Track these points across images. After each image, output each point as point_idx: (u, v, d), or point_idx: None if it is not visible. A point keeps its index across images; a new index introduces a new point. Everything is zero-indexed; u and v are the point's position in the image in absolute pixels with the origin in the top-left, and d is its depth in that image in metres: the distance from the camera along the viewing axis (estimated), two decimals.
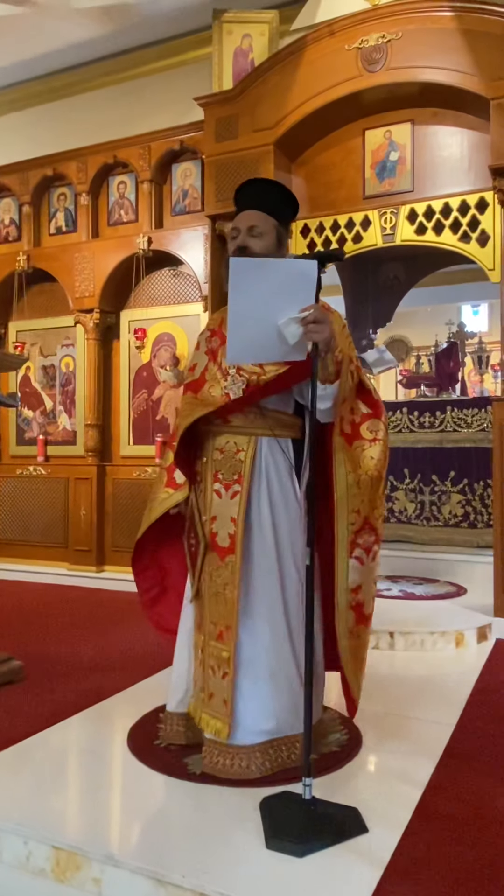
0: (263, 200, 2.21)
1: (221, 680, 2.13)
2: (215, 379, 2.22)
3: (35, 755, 2.34)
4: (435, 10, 4.17)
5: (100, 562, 5.65)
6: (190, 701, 2.30)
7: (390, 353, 5.97)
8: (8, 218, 6.22)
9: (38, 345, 6.12)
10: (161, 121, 5.56)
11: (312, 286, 1.88)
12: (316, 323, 1.88)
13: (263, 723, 2.13)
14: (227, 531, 2.17)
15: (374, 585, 2.25)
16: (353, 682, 2.24)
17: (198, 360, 2.34)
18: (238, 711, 2.12)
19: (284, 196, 2.26)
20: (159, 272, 5.59)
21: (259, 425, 2.19)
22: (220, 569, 2.17)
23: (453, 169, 4.40)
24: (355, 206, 4.64)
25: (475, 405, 5.43)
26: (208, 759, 2.14)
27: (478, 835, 1.86)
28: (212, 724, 2.15)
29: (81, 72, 6.39)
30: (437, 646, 3.62)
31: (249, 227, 2.18)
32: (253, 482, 2.17)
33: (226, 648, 2.14)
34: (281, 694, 2.15)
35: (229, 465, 2.19)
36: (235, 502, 2.16)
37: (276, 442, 2.20)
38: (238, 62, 4.95)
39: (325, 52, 4.45)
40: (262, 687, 2.14)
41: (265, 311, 1.88)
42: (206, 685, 2.19)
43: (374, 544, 2.18)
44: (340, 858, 1.72)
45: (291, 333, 1.89)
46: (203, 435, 2.25)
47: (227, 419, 2.21)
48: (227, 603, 2.14)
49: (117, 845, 1.79)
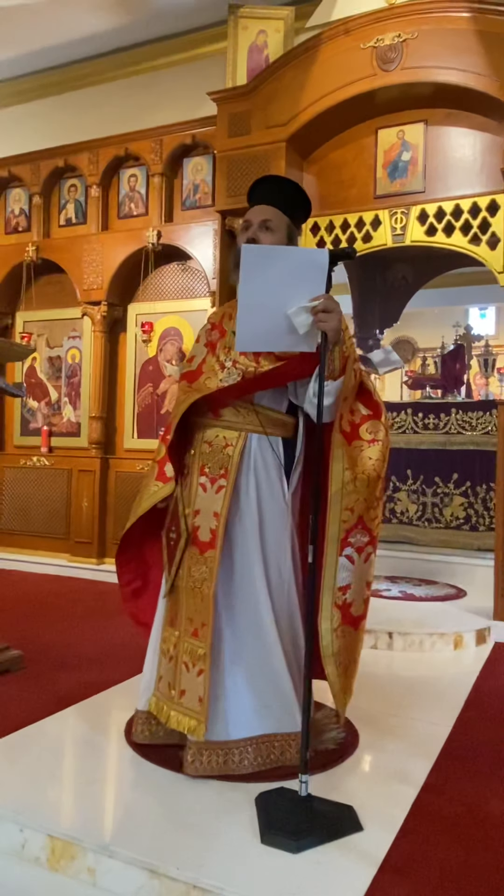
0: (278, 197, 2.21)
1: (196, 677, 2.09)
2: (213, 371, 2.21)
3: (32, 744, 2.34)
4: (451, 11, 4.16)
5: (100, 554, 5.66)
6: (151, 699, 2.25)
7: (396, 353, 5.95)
8: (18, 208, 6.22)
9: (45, 336, 6.12)
10: (174, 115, 5.56)
11: (323, 275, 1.87)
12: (326, 312, 1.87)
13: (251, 718, 2.12)
14: (210, 525, 2.14)
15: (367, 589, 2.16)
16: (335, 686, 2.10)
17: (197, 352, 2.34)
18: (220, 708, 2.10)
19: (299, 195, 2.27)
20: (168, 266, 5.59)
21: (250, 422, 2.17)
22: (198, 563, 2.13)
23: (465, 170, 4.39)
24: (366, 205, 4.63)
25: (480, 408, 5.42)
26: (198, 759, 2.09)
27: (472, 835, 1.86)
28: (184, 722, 2.09)
29: (95, 63, 6.38)
30: (436, 647, 3.62)
31: (262, 220, 2.18)
32: (240, 477, 2.15)
33: (202, 645, 2.09)
34: (268, 690, 2.13)
35: (217, 458, 2.16)
36: (220, 496, 2.14)
37: (267, 440, 2.18)
38: (252, 58, 4.95)
39: (339, 50, 4.44)
40: (248, 683, 2.12)
41: (275, 299, 1.88)
42: (177, 682, 2.13)
43: (368, 545, 2.11)
44: (335, 855, 1.72)
45: (301, 322, 1.89)
46: (193, 427, 2.23)
47: (218, 413, 2.18)
48: (203, 599, 2.10)
49: (112, 836, 1.79)
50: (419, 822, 1.91)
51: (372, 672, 3.05)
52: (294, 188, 2.29)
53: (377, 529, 2.16)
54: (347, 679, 2.14)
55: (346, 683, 2.14)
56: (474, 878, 1.68)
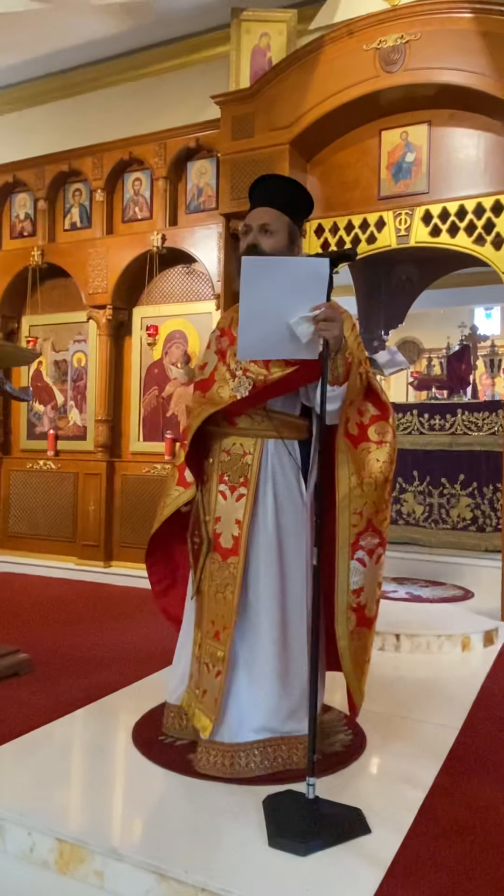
0: (277, 197, 2.19)
1: (215, 678, 2.14)
2: (224, 379, 2.22)
3: (40, 748, 2.35)
4: (454, 12, 4.15)
5: (107, 557, 5.67)
6: (183, 694, 2.33)
7: (402, 354, 5.95)
8: (23, 213, 6.25)
9: (51, 340, 6.14)
10: (177, 118, 5.57)
11: (324, 285, 1.88)
12: (327, 321, 1.88)
13: (260, 720, 2.14)
14: (232, 532, 2.17)
15: (379, 589, 2.23)
16: (353, 685, 2.22)
17: (208, 360, 2.35)
18: (231, 710, 2.13)
19: (298, 193, 2.24)
20: (172, 269, 5.60)
21: (265, 427, 2.19)
22: (221, 569, 2.18)
23: (469, 171, 4.38)
24: (370, 206, 4.63)
25: (486, 409, 5.41)
26: (205, 759, 2.13)
27: (480, 838, 1.86)
28: (202, 721, 2.16)
29: (99, 68, 6.40)
30: (444, 649, 3.61)
31: (261, 224, 2.17)
32: (259, 485, 2.18)
33: (221, 648, 2.14)
34: (280, 694, 2.16)
35: (236, 467, 2.19)
36: (241, 504, 2.17)
37: (283, 444, 2.20)
38: (256, 61, 4.95)
39: (343, 52, 4.44)
40: (260, 686, 2.15)
41: (277, 308, 1.88)
42: (200, 682, 2.20)
43: (379, 547, 2.16)
44: (343, 858, 1.72)
45: (303, 332, 1.90)
46: (210, 436, 2.26)
47: (233, 421, 2.21)
48: (226, 603, 2.15)
49: (120, 839, 1.80)
50: (427, 824, 1.91)
51: (379, 674, 3.05)
52: (292, 186, 2.26)
53: (386, 530, 2.20)
54: (363, 678, 2.23)
55: (362, 683, 2.23)
56: (483, 881, 1.67)
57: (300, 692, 2.16)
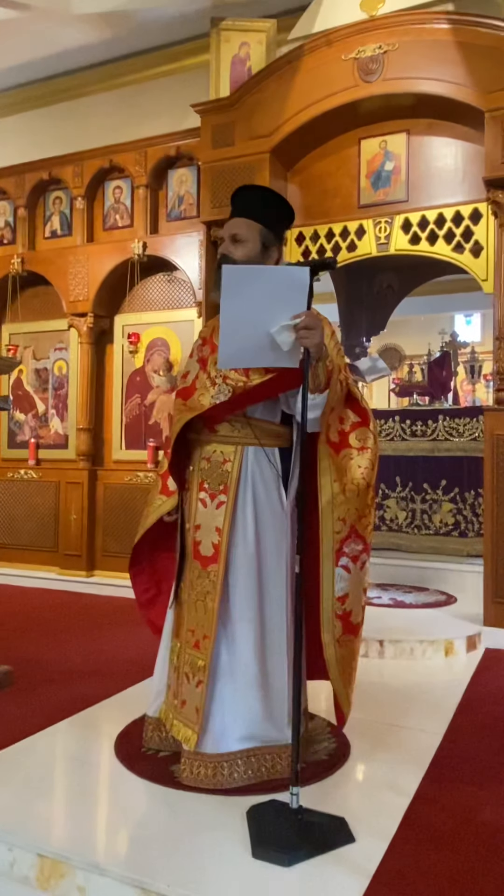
0: (247, 206, 2.21)
1: (195, 688, 2.13)
2: (205, 387, 2.22)
3: (21, 761, 2.32)
4: (432, 22, 4.20)
5: (90, 567, 5.63)
6: (161, 706, 2.31)
7: (383, 361, 5.97)
8: (3, 221, 6.21)
9: (32, 348, 6.11)
10: (158, 127, 5.58)
11: (304, 293, 1.88)
12: (307, 329, 1.89)
13: (243, 730, 2.13)
14: (212, 540, 2.17)
15: (364, 595, 2.23)
16: (341, 693, 2.20)
17: (190, 368, 2.36)
18: (214, 720, 2.12)
19: (270, 200, 2.24)
20: (154, 277, 5.60)
21: (246, 435, 2.19)
22: (201, 577, 2.17)
23: (448, 180, 4.43)
24: (350, 214, 4.66)
25: (467, 414, 5.45)
26: (189, 770, 2.11)
27: (464, 845, 1.86)
28: (182, 732, 2.14)
29: (79, 76, 6.40)
30: (427, 654, 3.62)
31: (231, 235, 2.19)
32: (239, 492, 2.17)
33: (202, 657, 2.13)
34: (262, 702, 2.14)
35: (216, 474, 2.19)
36: (221, 512, 2.16)
37: (263, 451, 2.20)
38: (235, 70, 4.97)
39: (322, 62, 4.48)
40: (242, 695, 2.13)
41: (257, 317, 1.89)
42: (179, 692, 2.19)
43: (363, 553, 2.16)
44: (327, 868, 1.71)
45: (284, 340, 1.90)
46: (191, 443, 2.26)
47: (213, 428, 2.21)
48: (207, 612, 2.14)
49: (103, 853, 1.78)
50: (411, 832, 1.91)
51: (363, 680, 3.02)
52: (261, 193, 2.26)
53: (370, 536, 2.20)
54: (350, 686, 2.21)
55: (349, 691, 2.21)
56: (467, 887, 1.67)
57: (283, 700, 2.15)
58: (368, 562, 2.20)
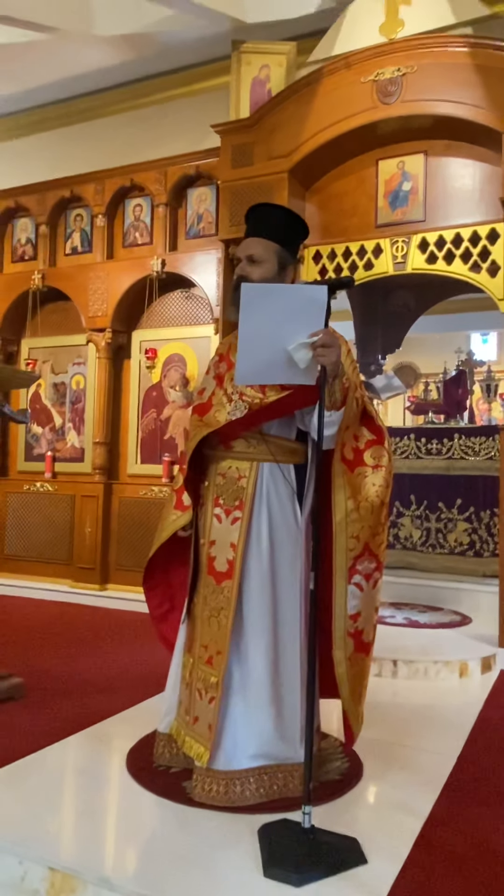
0: (263, 226, 2.22)
1: (208, 704, 2.12)
2: (221, 404, 2.24)
3: (33, 774, 2.32)
4: (450, 46, 4.25)
5: (103, 580, 5.64)
6: (172, 722, 2.30)
7: (398, 379, 5.98)
8: (25, 237, 6.31)
9: (50, 362, 6.18)
10: (178, 146, 5.66)
11: (322, 311, 1.90)
12: (325, 347, 1.90)
13: (255, 747, 2.12)
14: (226, 556, 2.17)
15: (376, 613, 2.22)
16: (351, 711, 2.18)
17: (207, 385, 2.37)
18: (226, 737, 2.11)
19: (286, 219, 2.25)
20: (172, 294, 5.65)
21: (261, 451, 2.20)
22: (215, 593, 2.17)
23: (465, 200, 4.45)
24: (367, 234, 4.69)
25: (483, 433, 5.43)
26: (200, 787, 2.10)
27: (477, 869, 1.83)
28: (195, 748, 2.13)
29: (101, 97, 6.51)
30: (441, 675, 3.59)
31: (248, 255, 2.20)
32: (254, 508, 2.18)
33: (214, 673, 2.12)
34: (275, 720, 2.13)
35: (231, 490, 2.20)
36: (236, 528, 2.17)
37: (279, 468, 2.21)
38: (255, 91, 5.05)
39: (341, 84, 4.53)
40: (254, 713, 2.12)
41: (275, 335, 1.91)
42: (191, 708, 2.18)
43: (375, 571, 2.15)
44: (338, 889, 1.70)
45: (301, 358, 1.92)
46: (207, 459, 2.27)
47: (229, 445, 2.22)
48: (220, 628, 2.14)
49: (113, 868, 1.77)
50: (424, 854, 1.88)
51: (376, 700, 3.02)
52: (277, 212, 2.27)
53: (383, 554, 2.20)
54: (360, 704, 2.20)
55: (360, 709, 2.20)
56: None
57: (295, 718, 2.14)
58: (381, 580, 2.20)
